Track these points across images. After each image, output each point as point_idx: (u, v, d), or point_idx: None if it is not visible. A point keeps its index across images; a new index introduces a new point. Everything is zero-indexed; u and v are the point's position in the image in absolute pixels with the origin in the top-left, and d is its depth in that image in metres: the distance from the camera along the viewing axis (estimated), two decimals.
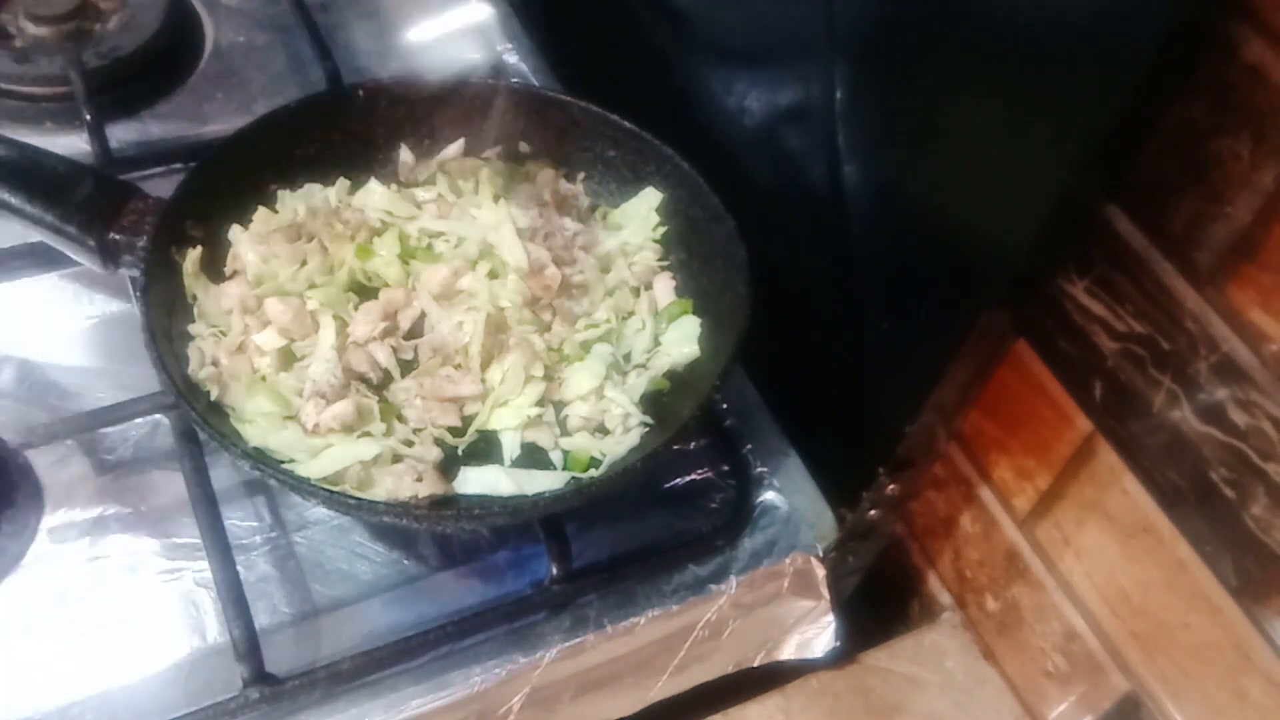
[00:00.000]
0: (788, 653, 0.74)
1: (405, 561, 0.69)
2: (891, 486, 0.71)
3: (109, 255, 0.69)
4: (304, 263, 0.74)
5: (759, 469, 0.77)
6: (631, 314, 0.78)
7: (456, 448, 0.69)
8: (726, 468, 0.77)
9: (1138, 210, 0.56)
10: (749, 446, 0.78)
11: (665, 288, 0.79)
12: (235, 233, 0.74)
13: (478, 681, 0.64)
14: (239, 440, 0.65)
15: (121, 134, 0.87)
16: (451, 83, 0.84)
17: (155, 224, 0.68)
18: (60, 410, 0.71)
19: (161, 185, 0.72)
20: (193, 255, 0.71)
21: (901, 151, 0.66)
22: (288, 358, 0.70)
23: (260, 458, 0.64)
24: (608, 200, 0.84)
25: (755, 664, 0.74)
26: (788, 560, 0.73)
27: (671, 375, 0.74)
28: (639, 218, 0.81)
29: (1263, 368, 0.53)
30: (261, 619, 0.63)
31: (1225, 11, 0.49)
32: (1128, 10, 0.48)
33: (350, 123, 0.81)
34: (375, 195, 0.79)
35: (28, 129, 0.85)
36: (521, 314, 0.73)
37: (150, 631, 0.63)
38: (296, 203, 0.77)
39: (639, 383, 0.73)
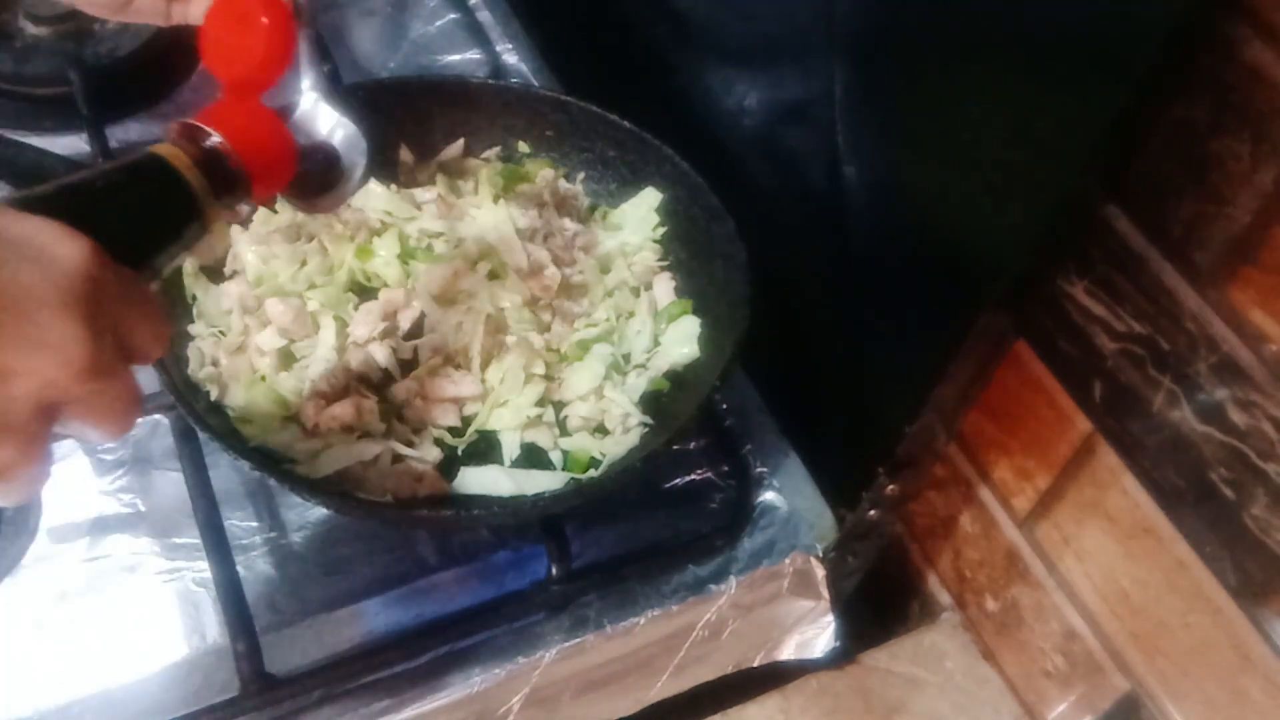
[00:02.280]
0: (788, 653, 0.74)
1: (405, 561, 0.69)
2: (891, 486, 0.71)
3: None
4: (304, 263, 0.74)
5: (759, 469, 0.77)
6: (631, 314, 0.78)
7: (456, 448, 0.69)
8: (726, 468, 0.77)
9: (1138, 210, 0.56)
10: (749, 446, 0.78)
11: (665, 288, 0.79)
12: (235, 233, 0.74)
13: (478, 681, 0.64)
14: (239, 440, 0.65)
15: (121, 134, 0.87)
16: (451, 83, 0.84)
17: None
18: None
19: None
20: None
21: (901, 151, 0.66)
22: (288, 358, 0.70)
23: (260, 458, 0.64)
24: (608, 200, 0.84)
25: (755, 664, 0.74)
26: (787, 560, 0.73)
27: (671, 375, 0.74)
28: (639, 218, 0.81)
29: (1263, 368, 0.53)
30: (261, 619, 0.63)
31: (1225, 11, 0.49)
32: (1128, 10, 0.48)
33: None
34: (375, 195, 0.78)
35: (28, 129, 0.85)
36: (521, 314, 0.73)
37: (150, 631, 0.63)
38: None
39: (639, 383, 0.73)
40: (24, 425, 0.39)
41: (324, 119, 0.57)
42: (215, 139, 0.51)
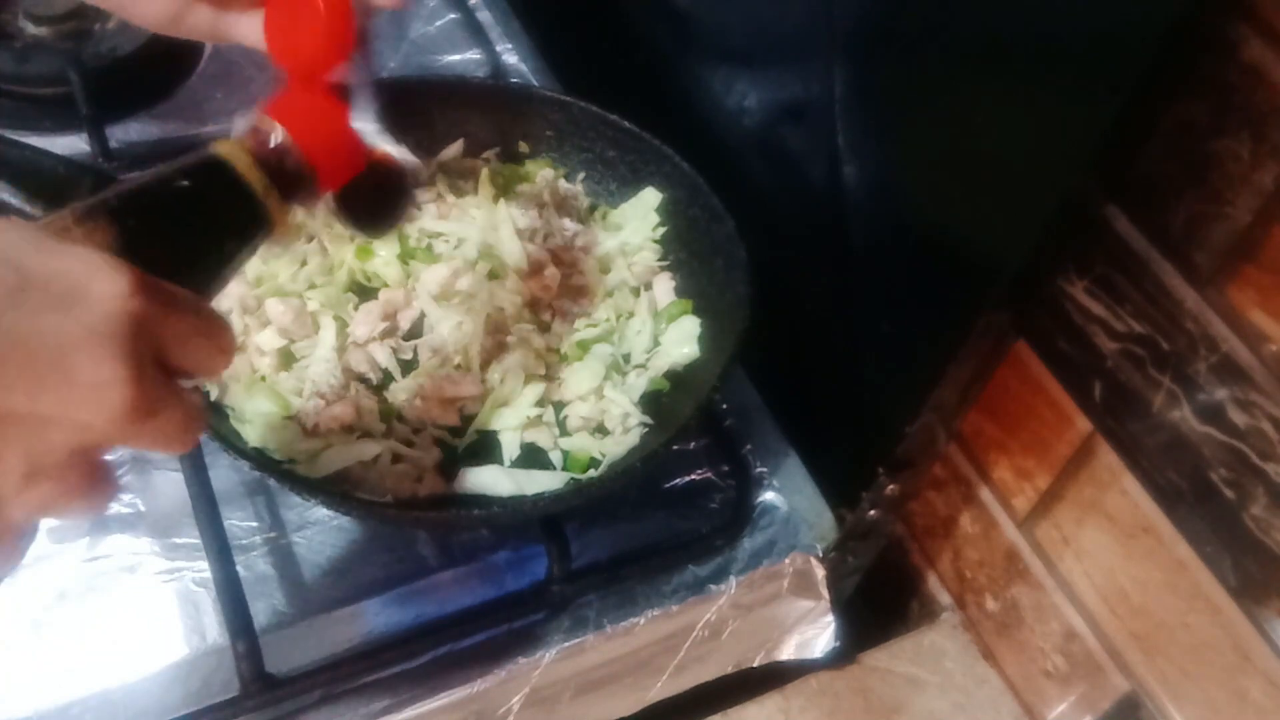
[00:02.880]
0: (787, 653, 0.74)
1: (405, 561, 0.69)
2: (891, 486, 0.71)
3: None
4: (304, 263, 0.74)
5: (759, 469, 0.77)
6: (631, 314, 0.78)
7: (456, 448, 0.69)
8: (726, 468, 0.77)
9: (1138, 210, 0.56)
10: (749, 446, 0.78)
11: (665, 288, 0.79)
12: None
13: (478, 681, 0.64)
14: (239, 440, 0.65)
15: (121, 134, 0.87)
16: (451, 83, 0.84)
17: None
18: None
19: None
20: None
21: (901, 151, 0.66)
22: (288, 358, 0.70)
23: (260, 458, 0.64)
24: (608, 200, 0.84)
25: (755, 664, 0.74)
26: (787, 560, 0.73)
27: (671, 375, 0.74)
28: (639, 218, 0.81)
29: (1263, 368, 0.53)
30: (261, 619, 0.63)
31: (1225, 11, 0.49)
32: (1127, 10, 0.48)
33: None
34: None
35: (28, 129, 0.85)
36: (521, 314, 0.73)
37: (150, 631, 0.63)
38: None
39: (639, 383, 0.73)
40: (59, 470, 0.38)
41: (381, 144, 0.56)
42: (279, 134, 0.49)
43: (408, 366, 0.72)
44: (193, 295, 0.42)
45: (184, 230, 0.43)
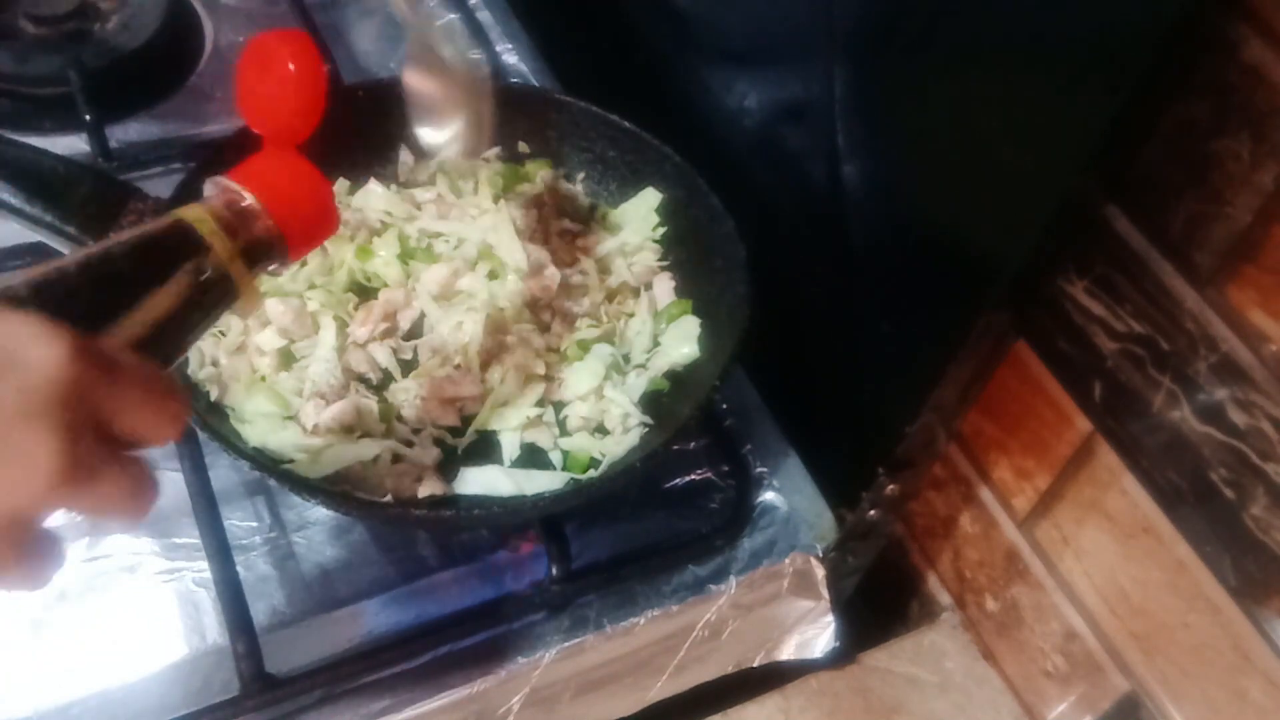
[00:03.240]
0: (787, 653, 0.74)
1: (405, 561, 0.69)
2: (891, 486, 0.71)
3: None
4: (304, 263, 0.74)
5: (759, 469, 0.77)
6: (631, 314, 0.78)
7: (456, 448, 0.69)
8: (726, 468, 0.77)
9: (1138, 210, 0.56)
10: (749, 446, 0.78)
11: (665, 288, 0.79)
12: None
13: (478, 681, 0.64)
14: (239, 440, 0.65)
15: (121, 134, 0.87)
16: None
17: None
18: None
19: (161, 185, 0.72)
20: None
21: (902, 151, 0.66)
22: (287, 358, 0.70)
23: (260, 458, 0.64)
24: (607, 200, 0.84)
25: (755, 664, 0.74)
26: (787, 560, 0.73)
27: (671, 375, 0.74)
28: (639, 218, 0.81)
29: (1262, 368, 0.53)
30: (261, 619, 0.63)
31: (1225, 11, 0.49)
32: (1128, 10, 0.48)
33: (350, 123, 0.80)
34: (375, 196, 0.79)
35: (28, 129, 0.85)
36: (521, 314, 0.73)
37: (150, 631, 0.63)
38: None
39: (639, 383, 0.73)
40: None
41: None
42: (248, 200, 0.48)
43: (408, 366, 0.72)
44: (141, 362, 0.40)
45: (143, 299, 0.42)
